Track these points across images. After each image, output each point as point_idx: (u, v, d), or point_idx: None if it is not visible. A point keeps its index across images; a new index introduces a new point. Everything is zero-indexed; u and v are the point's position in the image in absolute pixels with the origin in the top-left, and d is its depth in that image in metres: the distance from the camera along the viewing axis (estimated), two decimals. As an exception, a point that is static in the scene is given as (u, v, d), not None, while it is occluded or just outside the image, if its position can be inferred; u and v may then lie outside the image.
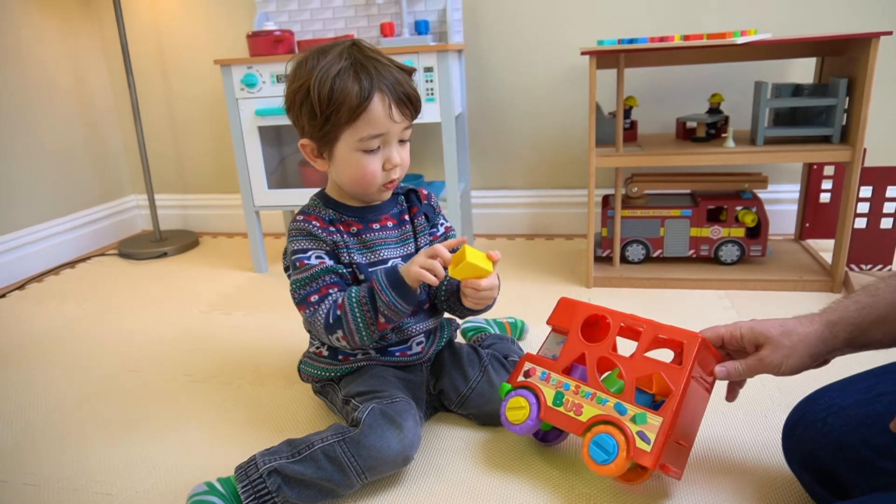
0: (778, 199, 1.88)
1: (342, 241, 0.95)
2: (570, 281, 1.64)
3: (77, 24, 2.15)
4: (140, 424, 1.10)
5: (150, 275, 1.91)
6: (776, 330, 0.78)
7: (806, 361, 0.76)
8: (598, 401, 0.85)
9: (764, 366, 0.78)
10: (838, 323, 0.75)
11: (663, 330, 0.86)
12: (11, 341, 1.47)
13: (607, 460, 0.80)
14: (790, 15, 1.73)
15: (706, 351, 0.84)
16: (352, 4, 1.89)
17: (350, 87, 0.85)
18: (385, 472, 0.86)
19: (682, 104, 1.83)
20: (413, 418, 0.88)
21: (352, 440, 0.84)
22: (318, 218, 0.95)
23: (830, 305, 0.78)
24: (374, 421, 0.85)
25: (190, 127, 2.26)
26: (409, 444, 0.86)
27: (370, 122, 0.87)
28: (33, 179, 2.00)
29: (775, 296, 1.48)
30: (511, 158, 2.05)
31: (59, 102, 2.09)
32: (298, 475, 0.83)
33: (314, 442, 0.85)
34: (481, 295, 0.90)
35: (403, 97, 0.89)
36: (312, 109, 0.87)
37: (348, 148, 0.90)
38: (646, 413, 0.80)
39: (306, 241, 0.94)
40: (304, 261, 0.93)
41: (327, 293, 0.91)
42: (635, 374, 0.85)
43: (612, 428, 0.82)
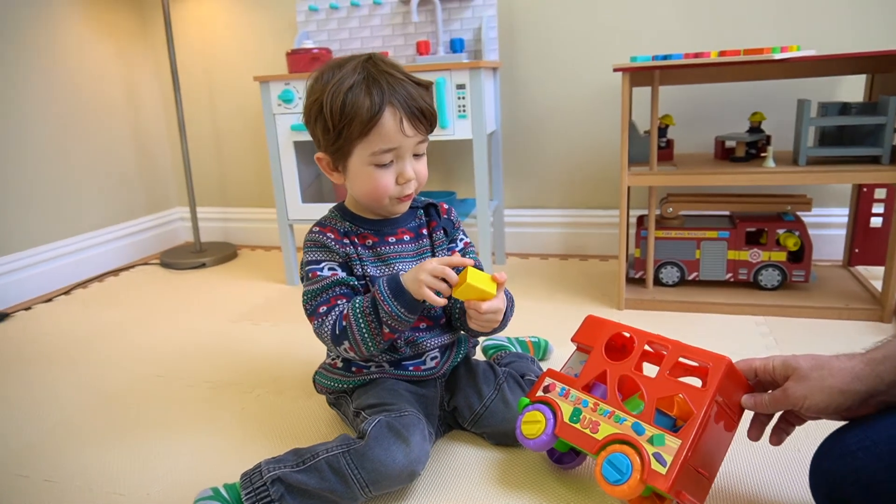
0: (825, 224, 1.79)
1: (355, 253, 0.95)
2: (601, 302, 1.60)
3: (132, 46, 2.26)
4: (158, 428, 1.12)
5: (187, 284, 1.96)
6: (807, 363, 0.73)
7: (836, 399, 0.70)
8: (615, 419, 0.82)
9: (787, 398, 0.74)
10: (883, 361, 0.68)
11: (689, 351, 0.83)
12: (49, 343, 1.53)
13: (620, 480, 0.76)
14: (839, 31, 1.67)
15: (734, 377, 0.80)
16: (389, 23, 1.93)
17: (361, 101, 0.85)
18: (390, 487, 0.84)
19: (722, 123, 1.78)
20: (421, 433, 0.86)
21: (356, 452, 0.83)
22: (333, 230, 0.95)
23: (878, 343, 0.72)
24: (380, 433, 0.84)
25: (232, 142, 2.33)
26: (416, 459, 0.84)
27: (381, 136, 0.87)
28: (85, 190, 2.10)
29: (818, 324, 1.40)
30: (545, 177, 2.02)
31: (112, 119, 2.19)
32: (301, 485, 0.82)
33: (319, 452, 0.84)
34: (483, 318, 0.88)
35: (416, 111, 0.88)
36: (326, 123, 0.88)
37: (361, 162, 0.90)
38: (664, 434, 0.77)
39: (320, 252, 0.94)
40: (316, 272, 0.93)
41: (336, 304, 0.91)
42: (657, 394, 0.81)
43: (627, 448, 0.78)
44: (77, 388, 1.28)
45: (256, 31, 2.16)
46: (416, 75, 0.92)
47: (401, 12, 1.90)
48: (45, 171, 1.95)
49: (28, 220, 1.90)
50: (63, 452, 1.06)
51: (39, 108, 1.93)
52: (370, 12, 1.93)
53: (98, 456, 1.04)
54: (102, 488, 0.96)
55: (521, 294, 1.69)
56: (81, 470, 1.00)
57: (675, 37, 1.78)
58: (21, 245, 1.88)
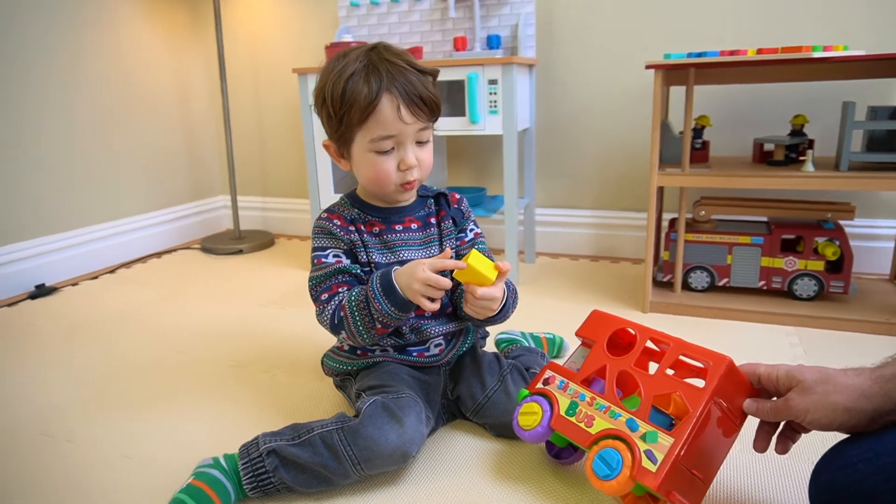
0: (873, 235, 1.70)
1: (360, 240, 0.96)
2: (627, 305, 1.57)
3: (184, 40, 2.36)
4: (175, 400, 1.17)
5: (223, 269, 2.02)
6: (813, 375, 0.70)
7: (841, 416, 0.66)
8: (611, 414, 0.80)
9: (789, 409, 0.71)
10: (892, 379, 0.65)
11: (690, 349, 0.80)
12: (88, 317, 1.61)
13: (609, 476, 0.75)
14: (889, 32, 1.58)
15: (735, 379, 0.77)
16: (428, 19, 1.94)
17: (360, 88, 0.87)
18: (383, 467, 0.85)
19: (764, 126, 1.72)
20: (417, 415, 0.87)
21: (350, 429, 0.84)
22: (340, 216, 0.97)
23: (887, 359, 0.68)
24: (375, 413, 0.85)
25: (275, 134, 2.39)
26: (409, 441, 0.84)
27: (379, 122, 0.88)
28: (134, 175, 2.20)
29: (853, 337, 1.34)
30: (579, 177, 2.00)
31: (162, 108, 2.29)
32: (295, 458, 0.84)
33: (314, 428, 0.86)
34: (478, 303, 0.88)
35: (415, 98, 0.88)
36: (329, 111, 0.90)
37: (362, 149, 0.91)
38: (658, 432, 0.75)
39: (326, 239, 0.97)
40: (321, 258, 0.96)
41: (337, 292, 0.93)
42: (653, 391, 0.79)
43: (619, 443, 0.77)
44: (106, 360, 1.35)
45: (301, 27, 2.22)
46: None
47: (439, 8, 1.92)
48: (97, 157, 2.06)
49: (80, 201, 2.01)
50: (85, 417, 1.11)
51: (96, 98, 2.03)
52: (409, 8, 1.95)
53: (116, 422, 1.09)
54: (116, 451, 1.00)
55: (546, 293, 1.67)
56: (99, 434, 1.05)
57: (717, 36, 1.73)
58: (73, 224, 1.99)
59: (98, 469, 0.96)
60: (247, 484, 0.84)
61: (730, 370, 0.76)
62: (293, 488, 0.85)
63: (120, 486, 0.91)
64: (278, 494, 0.86)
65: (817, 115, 1.63)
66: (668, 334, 0.84)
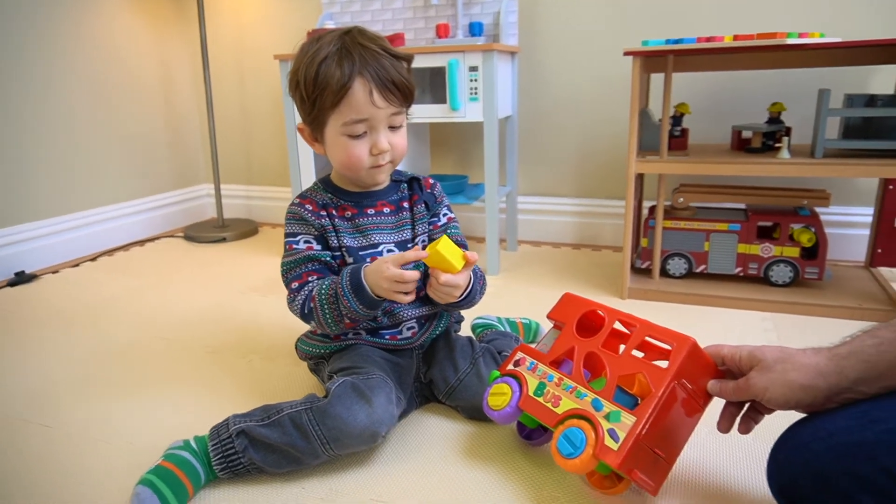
0: (850, 223, 1.72)
1: (331, 225, 0.97)
2: (606, 291, 1.58)
3: (167, 26, 2.34)
4: (153, 385, 1.17)
5: (205, 257, 2.02)
6: (773, 354, 0.71)
7: (797, 394, 0.68)
8: (577, 395, 0.81)
9: (749, 388, 0.72)
10: (848, 357, 0.66)
11: (656, 330, 0.81)
12: (67, 304, 1.60)
13: (573, 454, 0.76)
14: (874, 20, 1.59)
15: (698, 359, 0.78)
16: (410, 6, 1.93)
17: (332, 71, 0.87)
18: (352, 447, 0.85)
19: (745, 115, 1.73)
20: (386, 396, 0.87)
21: (318, 409, 0.84)
22: (312, 201, 0.98)
23: (845, 338, 0.69)
24: (344, 393, 0.85)
25: (259, 122, 2.38)
26: (378, 420, 0.84)
27: (351, 106, 0.88)
28: (117, 162, 2.19)
29: (826, 322, 1.35)
30: (561, 165, 2.00)
31: (145, 94, 2.28)
32: (264, 438, 0.84)
33: (284, 408, 0.86)
34: (441, 288, 0.89)
35: (388, 83, 0.88)
36: (302, 94, 0.90)
37: (335, 132, 0.91)
38: (621, 411, 0.76)
39: (297, 225, 0.97)
40: (292, 244, 0.97)
41: (307, 281, 0.95)
42: (618, 371, 0.80)
43: (584, 423, 0.78)
44: (84, 346, 1.35)
45: (284, 14, 2.20)
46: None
47: (422, -5, 1.91)
48: (80, 144, 2.04)
49: (62, 189, 2.00)
50: (62, 402, 1.11)
51: (79, 84, 2.01)
52: (392, -5, 1.94)
53: (93, 407, 1.09)
54: (91, 435, 1.00)
55: (527, 280, 1.68)
56: (75, 418, 1.06)
57: (701, 23, 1.73)
58: (54, 212, 1.98)
59: (73, 452, 0.96)
60: (216, 465, 0.84)
61: (693, 351, 0.77)
62: (263, 469, 0.85)
63: (95, 469, 0.91)
64: (248, 475, 0.87)
65: (795, 102, 1.64)
66: (635, 316, 0.85)
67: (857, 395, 0.66)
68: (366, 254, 0.98)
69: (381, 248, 0.99)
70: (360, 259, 0.97)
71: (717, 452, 0.91)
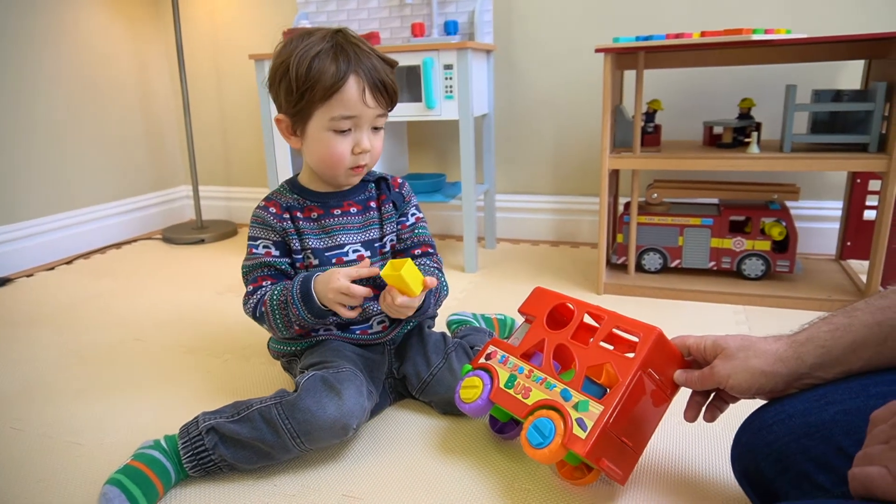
0: (820, 216, 1.75)
1: (293, 227, 0.98)
2: (582, 287, 1.59)
3: (143, 26, 2.32)
4: (127, 385, 1.16)
5: (183, 258, 2.01)
6: (735, 342, 0.73)
7: (759, 380, 0.69)
8: (546, 386, 0.82)
9: (713, 376, 0.73)
10: (805, 343, 0.67)
11: (623, 321, 0.83)
12: (41, 307, 1.59)
13: (542, 444, 0.77)
14: (839, 17, 1.62)
15: (664, 349, 0.79)
16: (386, 5, 1.94)
17: (327, 66, 0.88)
18: (323, 440, 0.85)
19: (716, 111, 1.75)
20: (356, 388, 0.88)
21: (288, 403, 0.84)
22: (275, 204, 0.99)
23: (804, 325, 0.71)
24: (313, 386, 0.86)
25: (237, 123, 2.37)
26: (348, 412, 0.84)
27: (343, 102, 0.90)
28: (94, 164, 2.16)
29: (796, 314, 1.37)
30: (539, 163, 2.02)
31: (123, 96, 2.26)
32: (234, 434, 0.84)
33: (253, 404, 0.86)
34: (394, 306, 0.89)
35: (379, 83, 0.91)
36: (290, 85, 0.91)
37: (320, 126, 0.92)
38: (589, 401, 0.77)
39: (259, 229, 0.98)
40: (252, 248, 0.98)
41: (261, 286, 0.96)
42: (587, 362, 0.81)
43: (553, 413, 0.78)
44: (59, 349, 1.33)
45: (260, 13, 2.20)
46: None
47: (398, -6, 1.92)
48: (55, 146, 2.02)
49: (37, 191, 1.97)
50: (33, 404, 1.10)
51: (52, 85, 1.99)
52: (368, -6, 1.94)
53: (65, 408, 1.08)
54: (63, 437, 1.00)
55: (504, 278, 1.69)
56: (47, 420, 1.05)
57: (678, 22, 1.75)
58: (29, 215, 1.95)
59: (44, 454, 0.95)
60: (187, 463, 0.84)
61: (659, 341, 0.78)
62: (234, 465, 0.85)
63: (66, 470, 0.91)
64: (220, 473, 0.87)
65: (765, 98, 1.67)
66: (604, 308, 0.86)
67: (816, 381, 0.68)
68: (331, 255, 0.98)
69: (346, 248, 0.99)
70: (325, 260, 0.98)
71: (683, 441, 0.93)
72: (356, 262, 0.99)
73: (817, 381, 0.68)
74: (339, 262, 0.98)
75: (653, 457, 0.89)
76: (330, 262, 0.98)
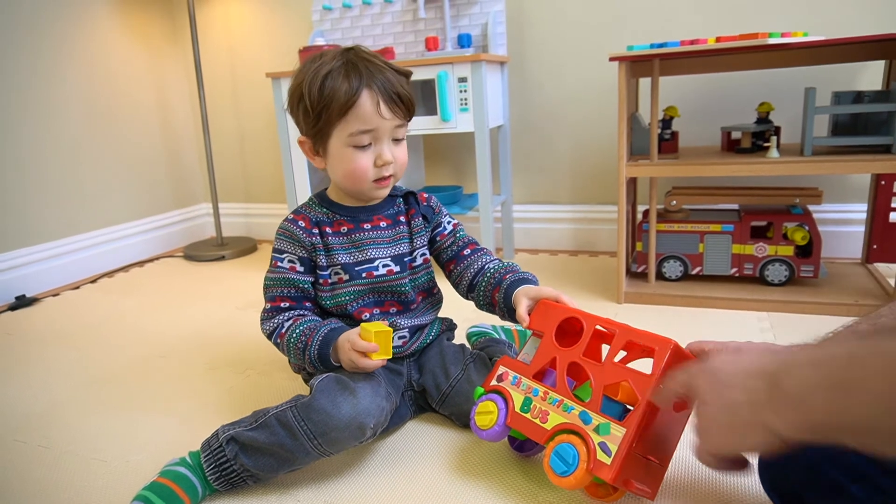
0: (845, 220, 1.72)
1: (321, 243, 0.98)
2: (602, 297, 1.58)
3: (163, 48, 2.37)
4: (151, 403, 1.17)
5: (204, 275, 2.03)
6: (758, 348, 0.71)
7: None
8: (564, 408, 0.80)
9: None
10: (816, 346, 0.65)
11: (636, 335, 0.81)
12: (67, 326, 1.62)
13: (567, 472, 0.75)
14: (858, 18, 1.60)
15: (682, 360, 0.78)
16: (400, 20, 1.96)
17: (340, 84, 0.90)
18: (340, 441, 0.84)
19: (735, 116, 1.73)
20: (372, 388, 0.88)
21: (303, 404, 0.85)
22: (305, 217, 0.99)
23: (828, 334, 0.69)
24: (326, 386, 0.86)
25: (255, 140, 2.41)
26: (364, 411, 0.84)
27: (359, 117, 0.91)
28: (116, 184, 2.21)
29: (823, 320, 1.35)
30: (555, 172, 2.01)
31: (143, 116, 2.30)
32: (253, 442, 0.84)
33: (270, 410, 0.87)
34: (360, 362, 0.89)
35: (393, 95, 0.92)
36: (306, 107, 0.92)
37: (340, 143, 0.93)
38: (610, 423, 0.75)
39: (287, 242, 0.99)
40: (277, 261, 0.99)
41: (279, 306, 0.98)
42: (603, 381, 0.80)
43: (574, 438, 0.77)
44: (84, 367, 1.35)
45: (276, 32, 2.23)
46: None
47: (411, 9, 1.93)
48: (79, 167, 2.06)
49: (61, 212, 2.02)
50: (60, 422, 1.12)
51: (76, 108, 2.04)
52: (381, 10, 1.97)
53: (91, 426, 1.10)
54: (89, 454, 1.01)
55: (522, 287, 1.68)
56: (73, 438, 1.06)
57: (691, 28, 1.74)
58: (55, 235, 2.00)
59: (71, 472, 0.96)
60: (211, 475, 0.85)
61: (675, 354, 0.76)
62: (256, 474, 0.86)
63: (92, 488, 0.92)
64: (245, 486, 0.87)
65: (784, 102, 1.65)
66: (614, 321, 0.84)
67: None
68: (362, 269, 0.99)
69: (377, 262, 1.00)
70: (355, 275, 0.98)
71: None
72: (386, 277, 1.00)
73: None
74: (369, 276, 0.99)
75: (680, 468, 0.88)
76: (360, 276, 0.98)
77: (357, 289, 0.99)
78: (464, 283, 1.05)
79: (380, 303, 1.01)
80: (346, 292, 0.98)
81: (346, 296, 0.99)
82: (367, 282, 0.99)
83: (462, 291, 1.07)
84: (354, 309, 0.99)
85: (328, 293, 0.99)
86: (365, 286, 0.99)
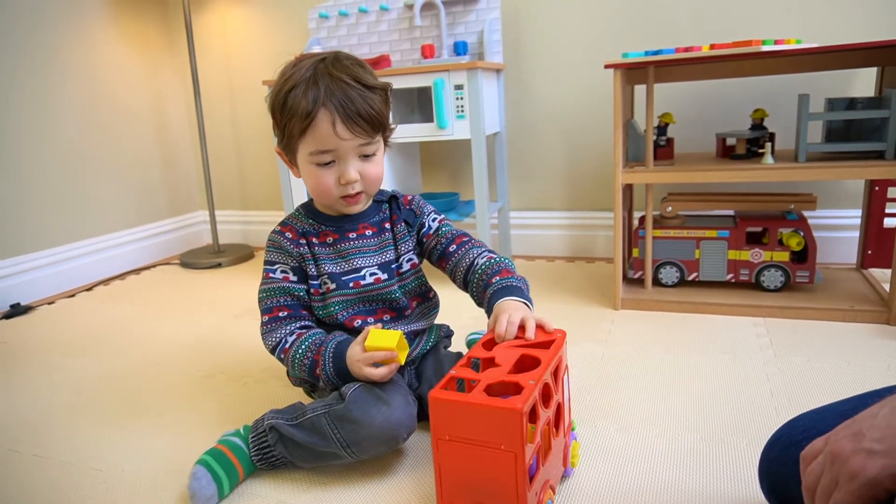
0: (839, 225, 1.73)
1: (310, 253, 0.98)
2: (599, 303, 1.58)
3: (159, 57, 2.37)
4: (147, 410, 1.17)
5: (201, 283, 2.03)
6: None
7: None
8: None
9: None
10: None
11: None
12: (62, 334, 1.61)
13: None
14: (854, 26, 1.62)
15: None
16: (396, 28, 1.97)
17: (299, 101, 0.87)
18: (373, 449, 0.86)
19: (729, 123, 1.74)
20: (403, 397, 0.88)
21: (335, 413, 0.86)
22: (292, 229, 0.99)
23: None
24: (359, 396, 0.87)
25: (251, 147, 2.41)
26: (397, 422, 0.85)
27: (316, 137, 0.88)
28: (112, 192, 2.20)
29: (818, 325, 1.35)
30: (552, 179, 2.02)
31: (139, 124, 2.30)
32: (291, 436, 0.88)
33: (307, 411, 0.89)
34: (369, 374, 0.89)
35: (352, 114, 0.87)
36: (274, 120, 0.93)
37: (304, 160, 0.92)
38: None
39: (276, 253, 0.99)
40: (269, 273, 0.98)
41: (277, 316, 0.97)
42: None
43: None
44: (79, 375, 1.35)
45: (273, 40, 2.24)
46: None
47: (407, 17, 1.94)
48: (73, 175, 2.06)
49: (57, 220, 2.01)
50: (54, 431, 1.11)
51: (72, 116, 2.04)
52: (378, 18, 1.97)
53: (86, 435, 1.09)
54: (84, 463, 1.00)
55: (519, 294, 1.68)
56: (68, 447, 1.06)
57: (685, 37, 1.75)
58: (50, 243, 1.99)
59: (66, 481, 0.96)
60: (254, 455, 0.90)
61: None
62: (292, 462, 0.90)
63: (88, 497, 0.91)
64: (283, 468, 0.92)
65: (779, 108, 1.66)
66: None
67: None
68: (348, 279, 0.99)
69: (363, 271, 0.99)
70: (342, 284, 0.98)
71: (709, 456, 0.91)
72: (374, 285, 0.99)
73: None
74: (356, 285, 0.98)
75: (679, 472, 0.88)
76: (347, 285, 0.98)
77: (346, 298, 0.99)
78: (458, 281, 1.04)
79: (371, 311, 1.01)
80: (335, 302, 0.98)
81: (336, 305, 0.98)
82: (355, 291, 0.99)
83: (460, 287, 1.06)
84: (346, 318, 0.99)
85: (319, 303, 0.99)
86: (353, 295, 0.99)
